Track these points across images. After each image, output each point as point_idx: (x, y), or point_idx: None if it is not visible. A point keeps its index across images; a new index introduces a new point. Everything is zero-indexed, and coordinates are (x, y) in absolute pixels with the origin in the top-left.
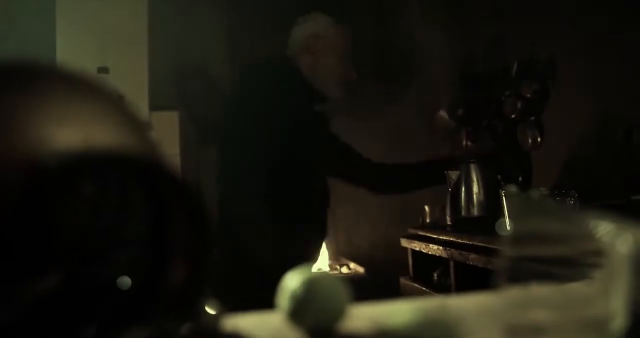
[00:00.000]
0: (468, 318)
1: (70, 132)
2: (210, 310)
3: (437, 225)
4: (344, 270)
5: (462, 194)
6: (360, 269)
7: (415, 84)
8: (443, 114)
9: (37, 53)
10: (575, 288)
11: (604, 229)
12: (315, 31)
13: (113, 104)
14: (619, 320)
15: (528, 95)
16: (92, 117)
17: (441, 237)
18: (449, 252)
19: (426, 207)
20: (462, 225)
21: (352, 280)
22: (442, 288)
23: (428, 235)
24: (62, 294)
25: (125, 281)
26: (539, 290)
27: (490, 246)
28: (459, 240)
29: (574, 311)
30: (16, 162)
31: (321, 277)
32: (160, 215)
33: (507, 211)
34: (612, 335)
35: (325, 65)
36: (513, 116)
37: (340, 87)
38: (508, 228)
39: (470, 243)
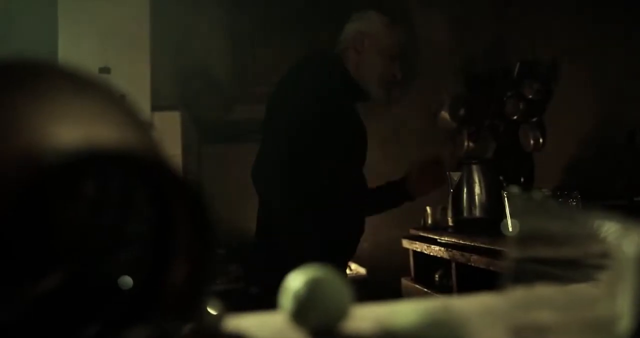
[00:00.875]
0: (472, 319)
1: (71, 130)
2: (212, 311)
3: (439, 226)
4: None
5: (464, 195)
6: (362, 270)
7: (416, 85)
8: (445, 114)
9: (39, 53)
10: (580, 289)
11: (610, 230)
12: (364, 29)
13: (115, 102)
14: (625, 321)
15: (530, 96)
16: (93, 116)
17: (443, 238)
18: (450, 253)
19: (428, 208)
20: (463, 226)
21: (353, 281)
22: (443, 289)
23: (430, 236)
24: (63, 294)
25: (127, 281)
26: (544, 291)
27: (492, 247)
28: (461, 242)
29: (578, 312)
30: (17, 161)
31: (324, 277)
32: (162, 215)
33: (510, 212)
34: (617, 337)
35: (369, 64)
36: (515, 117)
37: (382, 87)
38: (511, 229)
39: (472, 244)
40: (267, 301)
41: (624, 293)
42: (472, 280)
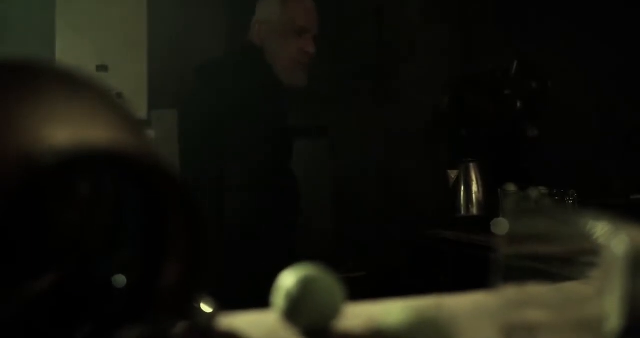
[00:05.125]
0: (463, 317)
1: (66, 131)
2: (205, 309)
3: (436, 224)
4: None
5: (461, 193)
6: (359, 268)
7: (414, 83)
8: (443, 112)
9: (36, 51)
10: (571, 287)
11: (600, 230)
12: (258, 17)
13: (109, 102)
14: (614, 320)
15: (527, 94)
16: (88, 116)
17: (440, 236)
18: (447, 250)
19: (425, 206)
20: (461, 223)
21: (349, 278)
22: (439, 286)
23: (427, 233)
24: (58, 293)
25: (120, 280)
26: (535, 290)
27: (489, 245)
28: (458, 239)
29: (569, 311)
30: (12, 161)
31: (317, 275)
32: (155, 214)
33: (505, 210)
34: (607, 336)
35: (274, 52)
36: (512, 115)
37: (297, 73)
38: (504, 227)
39: (469, 242)
40: None
41: (613, 293)
42: (469, 278)
